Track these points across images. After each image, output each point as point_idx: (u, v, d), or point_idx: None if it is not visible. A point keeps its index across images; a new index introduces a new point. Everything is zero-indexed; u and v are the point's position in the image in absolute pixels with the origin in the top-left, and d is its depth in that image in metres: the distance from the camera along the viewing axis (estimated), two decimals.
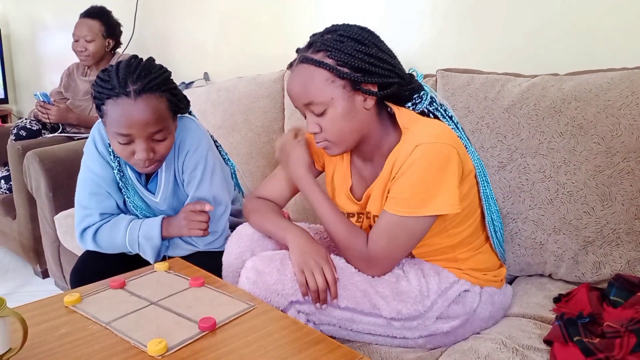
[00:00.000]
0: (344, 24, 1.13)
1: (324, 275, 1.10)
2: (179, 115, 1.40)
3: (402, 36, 1.90)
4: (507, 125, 1.41)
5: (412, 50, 1.88)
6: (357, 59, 1.08)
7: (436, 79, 1.60)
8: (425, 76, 1.66)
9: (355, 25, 1.13)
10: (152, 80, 1.26)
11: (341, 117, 1.10)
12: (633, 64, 1.35)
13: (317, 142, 1.16)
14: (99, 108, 1.29)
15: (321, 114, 1.11)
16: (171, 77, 1.34)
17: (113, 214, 1.45)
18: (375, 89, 1.11)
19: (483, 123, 1.45)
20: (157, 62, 1.34)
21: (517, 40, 1.63)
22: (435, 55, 1.83)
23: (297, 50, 1.16)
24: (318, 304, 1.11)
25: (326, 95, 1.09)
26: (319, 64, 1.08)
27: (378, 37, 1.14)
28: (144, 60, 1.31)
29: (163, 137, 1.30)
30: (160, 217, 1.42)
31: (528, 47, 1.61)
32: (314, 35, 1.15)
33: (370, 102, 1.12)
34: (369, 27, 1.14)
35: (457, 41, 1.77)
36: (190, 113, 1.50)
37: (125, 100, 1.23)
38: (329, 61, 1.08)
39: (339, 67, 1.08)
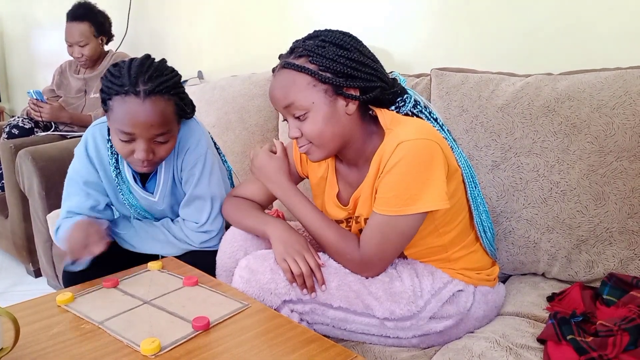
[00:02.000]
0: (325, 30, 1.13)
1: (307, 262, 1.11)
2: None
3: (396, 35, 1.90)
4: (501, 124, 1.41)
5: (406, 50, 1.88)
6: (339, 63, 1.07)
7: (430, 78, 1.60)
8: (420, 75, 1.66)
9: (337, 30, 1.13)
10: (163, 83, 1.24)
11: (322, 121, 1.09)
12: (626, 64, 1.35)
13: (300, 147, 1.16)
14: (104, 102, 1.28)
15: (302, 118, 1.11)
16: (181, 82, 1.33)
17: (80, 214, 1.42)
18: (357, 94, 1.10)
19: (477, 122, 1.45)
20: None
21: (511, 40, 1.63)
22: (430, 54, 1.83)
23: (280, 56, 1.15)
24: (306, 291, 1.11)
25: (307, 100, 1.09)
26: (301, 69, 1.08)
27: (360, 42, 1.13)
28: (156, 61, 1.30)
29: (165, 140, 1.30)
30: (76, 219, 1.38)
31: (522, 46, 1.61)
32: (296, 41, 1.15)
33: (352, 107, 1.11)
34: (350, 32, 1.14)
35: (451, 40, 1.77)
36: None
37: (133, 99, 1.22)
38: (311, 66, 1.08)
39: (320, 72, 1.07)
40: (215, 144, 1.58)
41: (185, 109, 1.34)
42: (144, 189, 1.45)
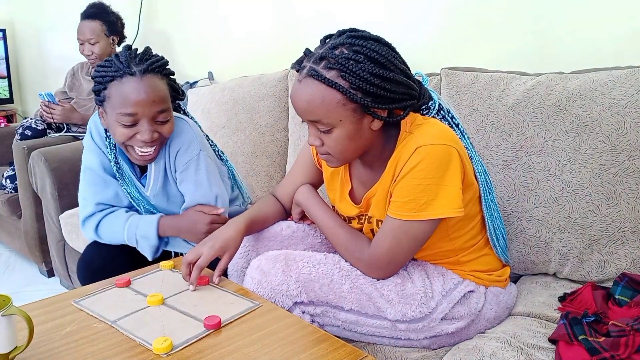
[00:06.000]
0: (359, 35, 1.05)
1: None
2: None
3: (406, 34, 1.89)
4: (512, 123, 1.40)
5: (416, 49, 1.88)
6: (372, 84, 1.02)
7: (440, 78, 1.60)
8: (429, 75, 1.66)
9: (371, 37, 1.06)
10: (154, 62, 1.30)
11: (346, 138, 1.07)
12: (638, 62, 1.34)
13: (320, 154, 1.15)
14: (99, 93, 1.31)
15: (326, 132, 1.08)
16: (168, 66, 1.38)
17: (111, 204, 1.46)
18: (384, 114, 1.07)
19: (488, 121, 1.44)
20: None
21: (521, 39, 1.63)
22: (440, 53, 1.82)
23: (306, 54, 1.08)
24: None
25: (335, 118, 1.05)
26: (332, 85, 1.02)
27: (394, 51, 1.08)
28: (139, 49, 1.35)
29: (166, 119, 1.32)
30: (157, 217, 1.42)
31: (533, 45, 1.61)
32: (325, 39, 1.09)
33: (378, 124, 1.08)
34: (384, 38, 1.08)
35: (461, 39, 1.77)
36: (184, 112, 1.52)
37: (130, 79, 1.26)
38: (343, 83, 1.02)
39: (352, 91, 1.02)
40: (214, 145, 1.59)
41: (177, 89, 1.39)
42: (140, 183, 1.46)
